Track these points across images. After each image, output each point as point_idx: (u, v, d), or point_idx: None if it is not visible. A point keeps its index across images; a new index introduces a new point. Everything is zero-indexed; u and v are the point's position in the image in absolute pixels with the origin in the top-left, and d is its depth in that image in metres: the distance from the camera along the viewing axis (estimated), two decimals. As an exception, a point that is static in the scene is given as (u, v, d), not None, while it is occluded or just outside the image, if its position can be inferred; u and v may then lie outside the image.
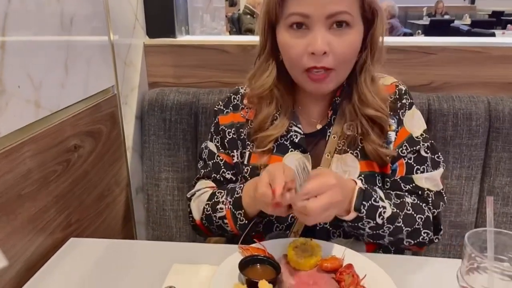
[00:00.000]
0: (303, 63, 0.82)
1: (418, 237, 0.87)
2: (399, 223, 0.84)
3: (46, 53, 0.88)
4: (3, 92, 0.76)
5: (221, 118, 1.00)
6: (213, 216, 0.92)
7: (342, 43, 0.81)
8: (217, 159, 0.99)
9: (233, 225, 0.88)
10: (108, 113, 1.15)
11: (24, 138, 0.82)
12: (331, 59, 0.81)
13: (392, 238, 0.85)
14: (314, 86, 0.86)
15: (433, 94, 1.25)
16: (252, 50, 1.31)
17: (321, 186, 0.72)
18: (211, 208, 0.93)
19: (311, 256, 0.78)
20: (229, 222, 0.89)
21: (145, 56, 1.38)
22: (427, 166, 0.91)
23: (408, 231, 0.85)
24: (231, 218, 0.88)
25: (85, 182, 1.04)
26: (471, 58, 1.28)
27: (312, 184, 0.72)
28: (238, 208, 0.87)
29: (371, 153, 0.89)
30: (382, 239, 0.86)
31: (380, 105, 0.88)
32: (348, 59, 0.85)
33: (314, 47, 0.80)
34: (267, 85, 0.91)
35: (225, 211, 0.89)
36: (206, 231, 0.97)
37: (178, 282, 0.76)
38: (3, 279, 0.78)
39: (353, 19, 0.81)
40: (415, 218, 0.86)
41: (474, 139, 1.21)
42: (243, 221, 0.87)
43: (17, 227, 0.81)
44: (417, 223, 0.86)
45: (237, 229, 0.88)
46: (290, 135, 0.92)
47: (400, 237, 0.86)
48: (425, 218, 0.87)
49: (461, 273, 0.59)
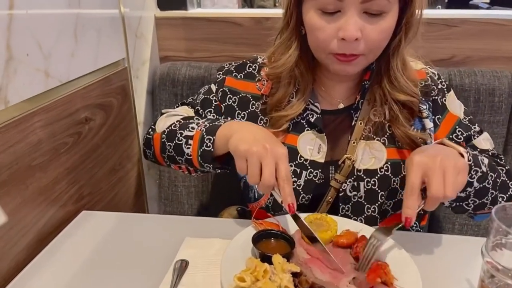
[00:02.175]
0: (331, 47, 0.77)
1: (508, 190, 0.83)
2: (495, 173, 0.79)
3: (54, 22, 0.86)
4: (11, 59, 0.74)
5: (228, 79, 0.95)
6: (178, 132, 0.85)
7: (376, 29, 0.75)
8: (211, 98, 0.95)
9: (196, 149, 0.81)
10: (119, 86, 1.13)
11: (34, 108, 0.81)
12: (362, 45, 0.76)
13: (494, 193, 0.79)
14: (339, 67, 0.80)
15: (454, 68, 1.20)
16: (266, 23, 1.29)
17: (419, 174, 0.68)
18: (180, 125, 0.86)
19: (326, 231, 0.75)
20: (193, 144, 0.81)
21: (156, 29, 1.34)
22: (475, 130, 0.91)
23: (498, 184, 0.80)
24: (198, 140, 0.81)
25: (96, 155, 1.03)
26: (494, 31, 1.22)
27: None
28: (211, 134, 0.80)
29: (401, 138, 0.85)
30: (486, 196, 0.79)
31: (413, 90, 0.84)
32: (380, 45, 0.79)
33: (345, 32, 0.73)
34: (289, 65, 0.85)
35: (196, 132, 0.82)
36: (158, 150, 0.89)
37: (190, 255, 0.75)
38: (15, 249, 0.77)
39: (390, 5, 0.74)
40: (499, 170, 0.82)
41: (496, 115, 1.17)
42: (209, 147, 0.79)
43: (28, 198, 0.80)
44: (502, 174, 0.82)
45: (197, 155, 0.81)
46: (307, 113, 0.88)
47: (496, 193, 0.80)
48: (507, 170, 0.84)
49: (486, 249, 0.56)
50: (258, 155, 0.70)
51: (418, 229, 0.96)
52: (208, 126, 0.82)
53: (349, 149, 0.87)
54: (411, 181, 0.68)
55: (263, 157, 0.70)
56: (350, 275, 0.66)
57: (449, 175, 0.67)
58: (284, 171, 0.71)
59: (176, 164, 0.89)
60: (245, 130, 0.77)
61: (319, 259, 0.71)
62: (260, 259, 0.68)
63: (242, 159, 0.72)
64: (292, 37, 0.85)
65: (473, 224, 1.24)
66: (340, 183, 0.87)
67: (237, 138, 0.74)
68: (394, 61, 0.83)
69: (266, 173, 0.69)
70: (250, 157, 0.70)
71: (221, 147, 0.79)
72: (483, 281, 0.58)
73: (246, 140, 0.73)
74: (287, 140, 0.89)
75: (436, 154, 0.70)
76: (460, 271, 0.72)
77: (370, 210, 0.86)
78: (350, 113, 0.89)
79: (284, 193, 0.70)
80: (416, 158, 0.69)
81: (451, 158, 0.69)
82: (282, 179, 0.71)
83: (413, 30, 0.81)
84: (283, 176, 0.71)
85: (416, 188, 0.67)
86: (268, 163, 0.70)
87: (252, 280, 0.62)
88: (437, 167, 0.67)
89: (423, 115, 0.88)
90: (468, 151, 0.75)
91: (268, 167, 0.69)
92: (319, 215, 0.79)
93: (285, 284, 0.62)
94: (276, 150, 0.71)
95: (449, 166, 0.67)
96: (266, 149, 0.70)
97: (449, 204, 0.82)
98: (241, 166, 0.72)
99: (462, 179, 0.69)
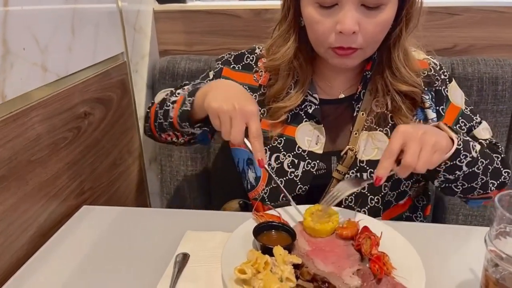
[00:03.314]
0: (329, 41, 0.77)
1: (500, 177, 0.83)
2: (486, 160, 0.79)
3: (51, 16, 0.85)
4: (8, 53, 0.73)
5: (225, 69, 0.95)
6: (167, 100, 0.88)
7: (374, 22, 0.75)
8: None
9: (177, 109, 0.84)
10: (118, 80, 1.12)
11: (32, 103, 0.80)
12: (360, 39, 0.75)
13: (484, 179, 0.80)
14: (338, 61, 0.80)
15: (457, 57, 1.19)
16: (266, 15, 1.28)
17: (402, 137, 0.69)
18: (170, 92, 0.91)
19: (328, 222, 0.75)
20: (175, 106, 0.84)
21: (155, 23, 1.33)
22: (476, 121, 0.90)
23: (490, 170, 0.80)
24: (181, 102, 0.84)
25: (96, 150, 1.03)
26: (497, 19, 1.20)
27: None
28: (191, 95, 0.82)
29: None
30: (475, 181, 0.80)
31: (415, 80, 0.83)
32: (378, 38, 0.79)
33: (343, 26, 0.73)
34: (287, 57, 0.84)
35: (180, 96, 0.85)
36: (152, 120, 0.93)
37: (191, 248, 0.75)
38: (16, 244, 0.77)
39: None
40: (493, 157, 0.82)
41: (500, 104, 1.15)
42: (187, 107, 0.82)
43: (29, 193, 0.80)
44: (496, 162, 0.82)
45: (176, 115, 0.84)
46: (305, 105, 0.88)
47: (486, 179, 0.80)
48: (502, 158, 0.84)
49: (490, 237, 0.55)
50: (229, 113, 0.72)
51: (422, 220, 0.95)
52: (191, 90, 0.84)
53: (351, 140, 0.86)
54: (391, 145, 0.69)
55: (233, 116, 0.72)
56: (354, 267, 0.66)
57: (425, 150, 0.68)
58: (254, 129, 0.73)
59: (165, 133, 0.91)
60: (219, 88, 0.79)
61: (321, 250, 0.70)
62: (261, 251, 0.68)
63: (215, 116, 0.74)
64: (290, 30, 0.84)
65: (477, 215, 1.23)
66: (342, 174, 0.86)
67: (210, 97, 0.76)
68: (396, 52, 0.82)
69: (233, 132, 0.72)
70: (221, 115, 0.73)
71: (200, 107, 0.80)
72: (486, 270, 0.57)
73: (217, 98, 0.74)
74: (286, 131, 0.88)
75: (422, 128, 0.71)
76: (464, 261, 0.71)
77: (373, 201, 0.85)
78: (351, 104, 0.88)
79: (255, 149, 0.74)
80: (402, 127, 0.71)
81: (434, 136, 0.70)
82: (252, 136, 0.73)
83: (413, 20, 0.80)
84: (253, 133, 0.73)
85: (394, 152, 0.69)
86: (237, 122, 0.72)
87: (253, 272, 0.62)
88: (417, 139, 0.68)
89: (425, 105, 0.87)
90: (459, 136, 0.75)
91: (236, 126, 0.72)
92: (322, 206, 0.79)
93: (286, 276, 0.61)
94: (245, 109, 0.73)
95: (428, 141, 0.69)
96: (235, 108, 0.72)
97: (438, 185, 0.82)
98: (215, 122, 0.75)
99: (437, 157, 0.70)
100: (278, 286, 0.59)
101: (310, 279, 0.64)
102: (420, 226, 0.85)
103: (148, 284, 0.67)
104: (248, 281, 0.61)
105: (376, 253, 0.66)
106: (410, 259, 0.68)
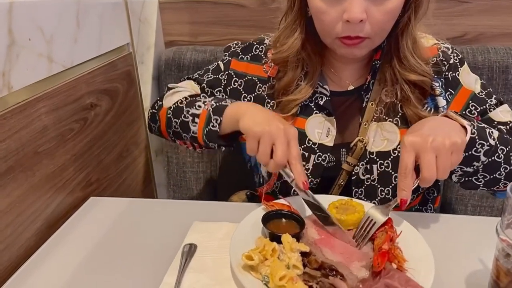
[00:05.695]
0: (336, 31, 0.75)
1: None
2: (507, 147, 0.74)
3: (56, 7, 0.84)
4: (13, 44, 0.73)
5: (234, 61, 0.94)
6: (185, 110, 0.86)
7: (381, 10, 0.73)
8: (221, 77, 0.94)
9: (202, 127, 0.82)
10: (124, 71, 1.12)
11: (39, 94, 0.80)
12: (368, 27, 0.74)
13: (508, 168, 0.75)
14: (346, 51, 0.78)
15: (466, 46, 1.17)
16: (271, 4, 1.26)
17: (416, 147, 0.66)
18: (187, 102, 0.87)
19: (353, 213, 0.74)
20: (199, 122, 0.83)
21: (160, 14, 1.33)
22: (491, 103, 0.86)
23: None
24: (204, 118, 0.82)
25: (103, 141, 1.03)
26: (508, 7, 1.18)
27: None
28: (218, 114, 0.81)
29: (413, 119, 0.82)
30: (498, 172, 0.75)
31: (424, 69, 0.81)
32: (386, 27, 0.77)
33: (350, 14, 0.71)
34: (295, 48, 0.83)
35: (202, 110, 0.83)
36: (163, 125, 0.91)
37: (198, 239, 0.75)
38: (24, 235, 0.78)
39: None
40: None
41: (510, 93, 1.14)
42: (215, 127, 0.81)
43: (36, 184, 0.80)
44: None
45: (202, 134, 0.83)
46: (316, 96, 0.86)
47: (510, 167, 0.76)
48: None
49: (501, 227, 0.54)
50: (272, 135, 0.71)
51: (432, 211, 0.94)
52: (215, 106, 0.83)
53: (360, 131, 0.85)
54: (403, 163, 0.66)
55: (277, 137, 0.71)
56: (365, 259, 0.65)
57: (442, 158, 0.65)
58: (296, 151, 0.72)
59: (181, 140, 0.90)
60: (255, 112, 0.78)
61: (329, 238, 0.70)
62: (270, 238, 0.67)
63: (255, 139, 0.73)
64: (297, 20, 0.83)
65: (486, 206, 1.22)
66: (352, 166, 0.85)
67: (250, 120, 0.75)
68: (404, 40, 0.80)
69: (279, 152, 0.71)
70: (263, 136, 0.72)
71: (227, 127, 0.80)
72: (498, 260, 0.56)
73: (259, 121, 0.74)
74: (296, 123, 0.87)
75: (430, 133, 0.67)
76: (474, 252, 0.70)
77: (383, 192, 0.84)
78: (360, 95, 0.86)
79: (297, 171, 0.72)
80: (409, 139, 0.67)
81: (447, 137, 0.66)
82: (294, 158, 0.72)
83: (423, 8, 0.78)
84: (295, 155, 0.72)
85: (409, 169, 0.66)
86: (282, 143, 0.71)
87: (261, 258, 0.62)
88: (429, 147, 0.65)
89: (436, 92, 0.85)
90: (473, 123, 0.72)
91: (281, 147, 0.71)
92: (344, 200, 0.78)
93: (294, 263, 0.61)
94: (289, 131, 0.72)
95: (441, 147, 0.65)
96: (280, 129, 0.72)
97: (457, 180, 0.78)
98: (252, 146, 0.73)
99: (456, 158, 0.67)
100: (284, 273, 0.59)
101: (317, 267, 0.63)
102: (429, 216, 0.84)
103: (156, 274, 0.67)
104: (255, 268, 0.62)
105: (385, 248, 0.65)
106: (420, 250, 0.67)
